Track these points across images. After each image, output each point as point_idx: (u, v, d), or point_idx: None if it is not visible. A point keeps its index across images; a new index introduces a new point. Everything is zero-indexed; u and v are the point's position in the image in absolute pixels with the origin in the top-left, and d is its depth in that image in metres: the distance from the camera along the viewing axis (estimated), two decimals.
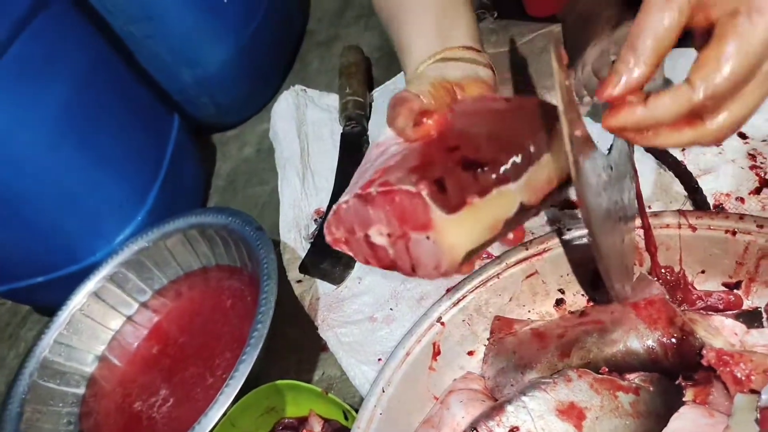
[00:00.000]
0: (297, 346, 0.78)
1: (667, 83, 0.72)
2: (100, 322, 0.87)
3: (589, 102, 0.73)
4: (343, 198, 0.48)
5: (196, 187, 1.06)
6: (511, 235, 0.48)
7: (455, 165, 0.44)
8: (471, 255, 0.44)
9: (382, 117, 0.99)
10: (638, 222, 0.57)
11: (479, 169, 0.44)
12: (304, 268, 0.82)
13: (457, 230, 0.43)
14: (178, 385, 0.82)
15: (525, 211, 0.46)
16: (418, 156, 0.46)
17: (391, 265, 0.48)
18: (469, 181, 0.43)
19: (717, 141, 0.41)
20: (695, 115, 0.40)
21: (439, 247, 0.44)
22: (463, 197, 0.43)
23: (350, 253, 0.51)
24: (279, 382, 0.65)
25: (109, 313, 0.88)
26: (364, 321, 0.75)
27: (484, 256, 0.74)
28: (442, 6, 0.61)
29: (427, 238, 0.44)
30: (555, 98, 0.34)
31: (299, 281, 0.84)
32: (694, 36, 0.42)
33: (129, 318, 0.89)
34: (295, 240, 0.88)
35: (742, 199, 0.63)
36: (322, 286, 0.81)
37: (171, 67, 1.03)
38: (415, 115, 0.49)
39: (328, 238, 0.51)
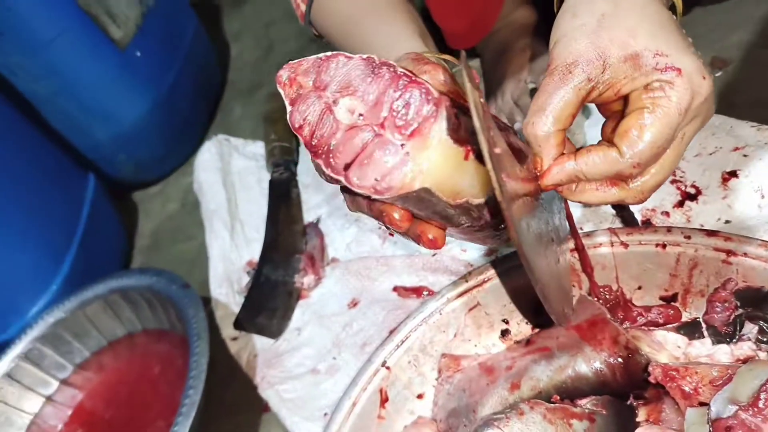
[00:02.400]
0: (236, 408, 0.73)
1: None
2: (14, 407, 0.79)
3: (519, 128, 0.74)
4: (341, 53, 0.41)
5: (118, 249, 1.00)
6: (431, 236, 0.42)
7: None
8: (418, 195, 0.39)
9: (310, 161, 0.98)
10: (572, 244, 0.57)
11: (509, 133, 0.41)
12: (238, 324, 0.78)
13: (438, 161, 0.38)
14: None
15: (479, 214, 0.42)
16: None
17: (321, 145, 0.41)
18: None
19: (640, 201, 0.45)
20: (620, 177, 0.44)
21: (406, 161, 0.38)
22: (469, 140, 0.39)
23: (286, 100, 0.43)
24: None
25: (26, 395, 0.80)
26: (306, 374, 0.72)
27: (424, 293, 0.72)
28: (417, 22, 0.63)
29: (402, 146, 0.38)
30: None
31: (234, 339, 0.79)
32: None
33: (49, 398, 0.81)
34: (228, 295, 0.84)
35: (667, 213, 0.64)
36: (260, 342, 0.77)
37: (82, 124, 0.98)
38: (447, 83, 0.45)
39: (281, 72, 0.43)
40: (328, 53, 0.43)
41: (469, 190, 0.41)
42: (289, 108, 0.43)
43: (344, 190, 0.45)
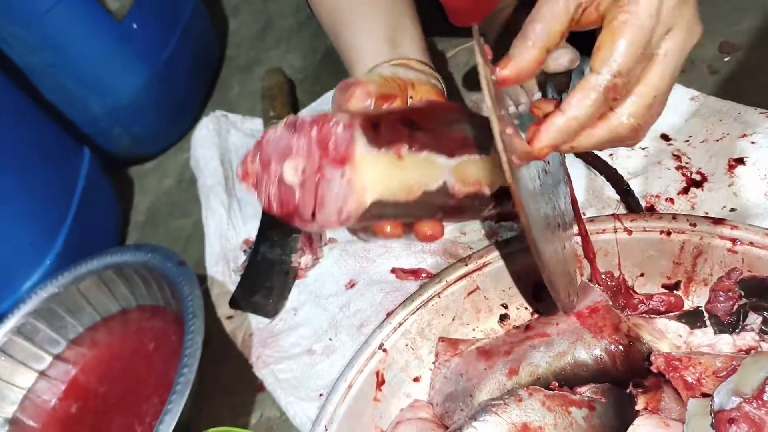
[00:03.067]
0: (230, 388, 0.72)
1: None
2: (7, 381, 0.79)
3: (514, 112, 0.73)
4: (269, 127, 0.45)
5: (113, 225, 0.99)
6: (428, 231, 0.45)
7: (395, 119, 0.43)
8: (378, 208, 0.42)
9: None
10: (576, 229, 0.56)
11: (416, 129, 0.43)
12: (234, 302, 0.77)
13: (374, 172, 0.41)
14: None
15: (444, 197, 0.44)
16: None
17: (292, 211, 0.44)
18: (403, 134, 0.42)
19: (634, 132, 0.42)
20: (610, 101, 0.40)
21: (350, 186, 0.41)
22: (392, 141, 0.42)
23: (253, 192, 0.46)
24: (212, 430, 0.60)
25: (18, 369, 0.79)
26: (302, 355, 0.71)
27: (422, 275, 0.71)
28: (395, 18, 0.61)
29: (342, 175, 0.41)
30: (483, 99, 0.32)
31: (230, 317, 0.78)
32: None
33: (42, 373, 0.80)
34: (224, 273, 0.83)
35: (671, 200, 0.63)
36: (255, 321, 0.76)
37: (78, 97, 0.96)
38: (372, 97, 0.47)
39: (238, 171, 0.46)
40: (265, 135, 0.46)
41: (422, 179, 0.43)
42: (254, 194, 0.46)
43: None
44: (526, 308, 0.61)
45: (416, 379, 0.61)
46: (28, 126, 0.86)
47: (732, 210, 0.60)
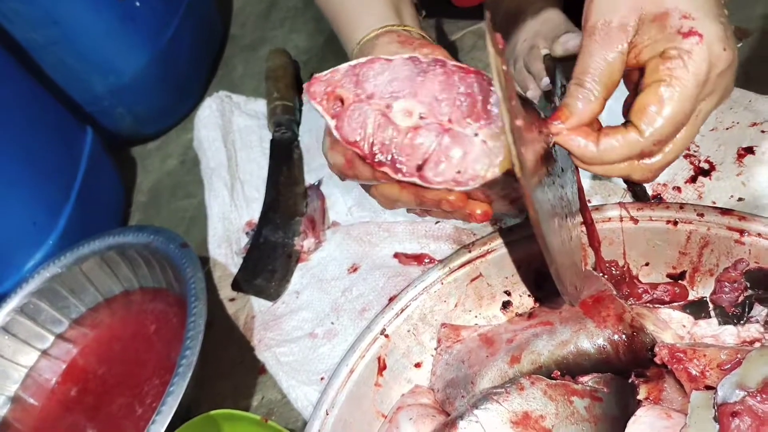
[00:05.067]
0: (232, 370, 0.72)
1: None
2: (10, 359, 0.79)
3: (533, 95, 0.72)
4: (374, 57, 0.41)
5: (116, 205, 0.98)
6: (479, 211, 0.42)
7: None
8: (499, 181, 0.39)
9: (313, 121, 0.96)
10: (581, 218, 0.55)
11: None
12: (236, 285, 0.77)
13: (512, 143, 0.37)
14: (105, 421, 0.75)
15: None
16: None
17: (384, 153, 0.40)
18: (535, 115, 0.40)
19: (647, 180, 0.44)
20: (640, 157, 0.42)
21: (485, 149, 0.38)
22: (531, 121, 0.39)
23: (326, 116, 0.42)
24: (213, 412, 0.60)
25: (21, 348, 0.80)
26: (303, 338, 0.71)
27: (425, 260, 0.71)
28: None
29: (476, 135, 0.38)
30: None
31: (232, 300, 0.78)
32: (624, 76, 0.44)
33: (44, 352, 0.81)
34: (226, 255, 0.83)
35: (679, 189, 0.63)
36: (257, 304, 0.76)
37: (81, 75, 0.95)
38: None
39: (313, 87, 0.42)
40: (361, 60, 0.41)
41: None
42: (333, 122, 0.41)
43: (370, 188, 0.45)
44: (529, 296, 0.61)
45: (418, 365, 0.61)
46: (30, 104, 0.86)
47: (740, 200, 0.60)
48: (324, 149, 0.48)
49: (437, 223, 0.73)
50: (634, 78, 0.43)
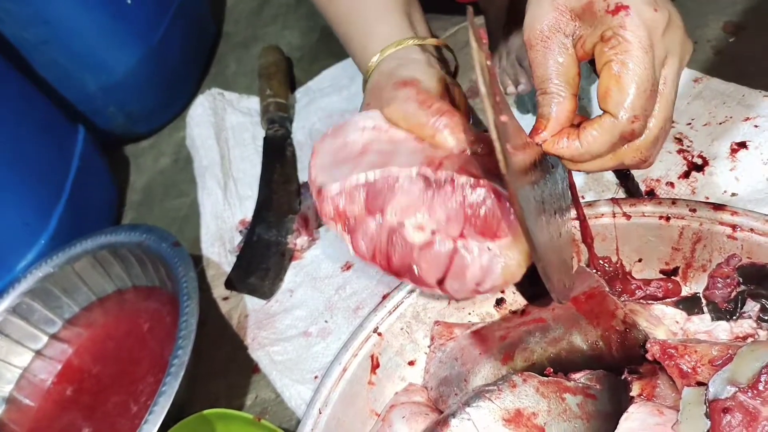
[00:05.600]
0: (226, 369, 0.72)
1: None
2: (4, 360, 0.79)
3: (513, 92, 0.72)
4: (383, 172, 0.42)
5: (108, 204, 0.98)
6: None
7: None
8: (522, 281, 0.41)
9: (306, 119, 0.95)
10: (573, 213, 0.55)
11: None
12: (229, 283, 0.77)
13: (526, 249, 0.40)
14: (101, 420, 0.75)
15: None
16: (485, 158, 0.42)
17: (402, 267, 0.42)
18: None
19: (641, 162, 0.44)
20: (626, 138, 0.42)
21: (499, 259, 0.39)
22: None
23: (342, 235, 0.43)
24: (206, 411, 0.60)
25: (14, 349, 0.80)
26: (297, 337, 0.71)
27: None
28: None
29: (489, 248, 0.39)
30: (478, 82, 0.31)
31: (225, 298, 0.78)
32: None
33: (38, 352, 0.81)
34: (219, 254, 0.82)
35: (672, 184, 0.63)
36: (251, 302, 0.76)
37: (72, 74, 0.95)
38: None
39: (324, 205, 0.43)
40: (369, 177, 0.42)
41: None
42: (348, 237, 0.43)
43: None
44: (522, 293, 0.61)
45: (411, 363, 0.60)
46: (21, 103, 0.85)
47: (733, 195, 0.59)
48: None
49: None
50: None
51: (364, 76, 0.58)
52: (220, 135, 0.95)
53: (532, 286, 0.60)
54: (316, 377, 0.66)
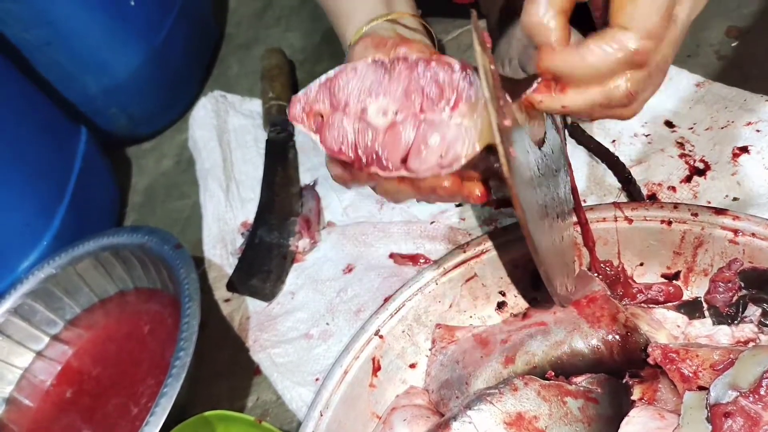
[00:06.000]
0: (227, 371, 0.72)
1: None
2: (4, 361, 0.79)
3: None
4: (343, 67, 0.43)
5: (110, 206, 0.98)
6: (478, 192, 0.43)
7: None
8: (482, 156, 0.39)
9: None
10: (575, 217, 0.55)
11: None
12: (231, 285, 0.77)
13: (487, 119, 0.37)
14: (101, 422, 0.75)
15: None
16: None
17: (368, 155, 0.42)
18: (515, 84, 0.39)
19: (628, 99, 0.39)
20: (635, 63, 0.37)
21: (462, 130, 0.39)
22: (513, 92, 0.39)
23: (310, 133, 0.44)
24: (207, 413, 0.60)
25: (16, 349, 0.80)
26: (299, 339, 0.71)
27: (421, 261, 0.71)
28: None
29: (450, 117, 0.39)
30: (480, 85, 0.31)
31: (227, 300, 0.78)
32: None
33: (39, 353, 0.81)
34: (221, 256, 0.82)
35: (674, 188, 0.63)
36: (253, 305, 0.76)
37: (74, 76, 0.95)
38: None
39: (293, 109, 0.45)
40: (330, 73, 0.44)
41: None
42: (315, 137, 0.44)
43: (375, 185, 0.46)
44: (524, 296, 0.61)
45: (412, 366, 0.60)
46: (23, 104, 0.85)
47: (735, 199, 0.59)
48: (326, 163, 0.49)
49: (432, 223, 0.72)
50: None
51: (346, 58, 0.58)
52: (223, 137, 0.95)
53: (534, 289, 0.60)
54: (317, 379, 0.66)
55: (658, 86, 0.40)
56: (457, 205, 0.72)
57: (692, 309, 0.54)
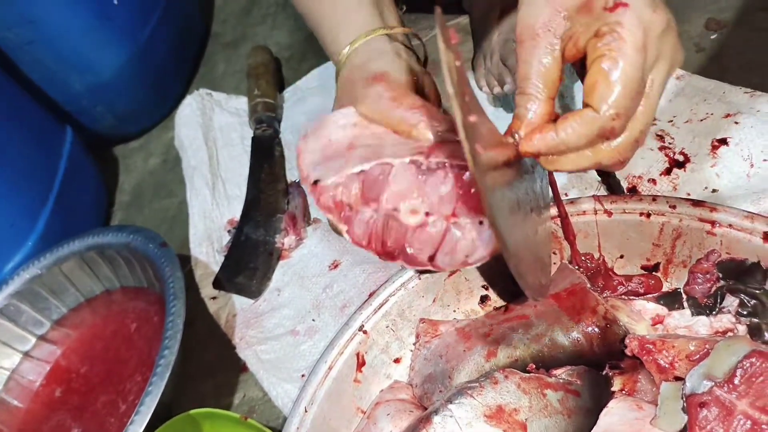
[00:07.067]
0: (214, 368, 0.72)
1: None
2: None
3: (499, 92, 0.72)
4: (377, 162, 0.44)
5: (97, 205, 0.98)
6: None
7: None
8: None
9: (294, 118, 0.95)
10: (554, 211, 0.56)
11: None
12: (218, 283, 0.77)
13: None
14: (90, 419, 0.76)
15: None
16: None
17: (396, 250, 0.44)
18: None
19: (618, 162, 0.43)
20: (605, 135, 0.41)
21: (488, 231, 0.42)
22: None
23: (339, 225, 0.46)
24: (193, 411, 0.60)
25: (2, 350, 0.80)
26: (285, 335, 0.71)
27: None
28: None
29: (480, 222, 0.42)
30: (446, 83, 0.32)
31: (214, 298, 0.78)
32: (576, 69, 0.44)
33: (26, 354, 0.81)
34: (208, 254, 0.82)
35: (654, 181, 0.63)
36: (239, 302, 0.76)
37: (58, 75, 0.95)
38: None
39: (322, 197, 0.45)
40: (365, 167, 0.44)
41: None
42: (343, 227, 0.45)
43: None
44: (506, 289, 0.61)
45: (397, 361, 0.61)
46: (7, 104, 0.85)
47: (714, 191, 0.60)
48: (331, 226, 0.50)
49: None
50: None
51: (336, 67, 0.58)
52: (209, 135, 0.95)
53: (515, 283, 0.60)
54: (303, 375, 0.66)
55: (642, 144, 0.43)
56: None
57: (671, 300, 0.54)
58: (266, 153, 0.89)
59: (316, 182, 0.47)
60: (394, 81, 0.51)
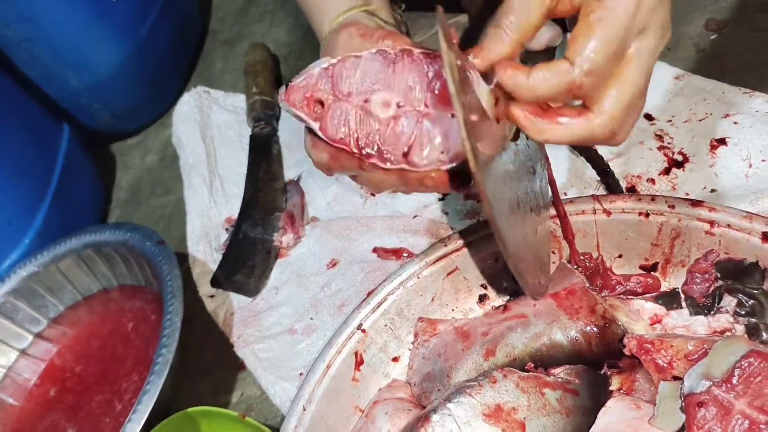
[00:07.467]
0: (212, 367, 0.72)
1: None
2: None
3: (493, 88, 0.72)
4: (345, 55, 0.43)
5: (94, 202, 0.98)
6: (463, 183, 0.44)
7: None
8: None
9: (292, 118, 0.95)
10: (553, 211, 0.56)
11: None
12: (215, 281, 0.77)
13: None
14: (85, 419, 0.75)
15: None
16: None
17: (369, 146, 0.42)
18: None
19: (611, 134, 0.41)
20: (575, 93, 0.40)
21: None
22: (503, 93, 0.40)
23: (309, 121, 0.44)
24: (191, 409, 0.60)
25: None
26: (283, 334, 0.71)
27: (404, 255, 0.71)
28: None
29: (452, 115, 0.40)
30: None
31: (211, 296, 0.78)
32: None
33: (23, 352, 0.80)
34: (205, 252, 0.82)
35: (653, 180, 0.63)
36: (237, 300, 0.76)
37: (56, 72, 0.94)
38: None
39: (292, 95, 0.44)
40: (333, 61, 0.43)
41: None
42: (316, 125, 0.43)
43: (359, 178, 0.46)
44: (505, 288, 0.61)
45: (395, 359, 0.61)
46: (4, 102, 0.84)
47: (712, 191, 0.60)
48: (306, 148, 0.48)
49: (415, 217, 0.73)
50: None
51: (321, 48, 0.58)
52: (206, 133, 0.94)
53: (515, 282, 0.60)
54: (301, 374, 0.66)
55: (636, 118, 0.42)
56: (440, 199, 0.73)
57: (670, 300, 0.54)
58: (264, 151, 0.89)
59: (287, 84, 0.46)
60: (364, 26, 0.50)
